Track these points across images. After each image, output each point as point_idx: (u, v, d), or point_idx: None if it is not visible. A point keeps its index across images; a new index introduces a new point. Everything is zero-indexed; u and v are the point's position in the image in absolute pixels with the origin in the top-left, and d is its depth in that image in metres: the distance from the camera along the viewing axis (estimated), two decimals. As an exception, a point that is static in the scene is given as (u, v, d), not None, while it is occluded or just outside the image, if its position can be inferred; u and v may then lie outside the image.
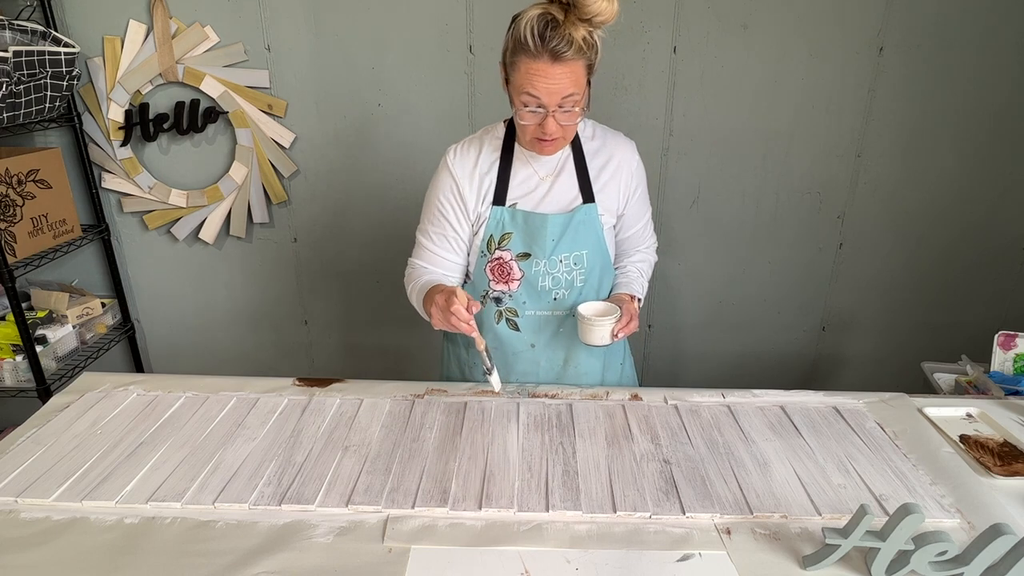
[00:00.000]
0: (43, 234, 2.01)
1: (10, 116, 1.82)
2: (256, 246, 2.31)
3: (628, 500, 1.02)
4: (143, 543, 0.94)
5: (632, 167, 1.32)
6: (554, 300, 1.34)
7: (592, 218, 1.29)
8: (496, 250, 1.30)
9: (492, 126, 1.32)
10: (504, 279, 1.32)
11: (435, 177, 1.33)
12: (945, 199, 2.24)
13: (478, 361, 1.41)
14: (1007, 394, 1.45)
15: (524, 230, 1.28)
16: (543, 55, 1.07)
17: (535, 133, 1.17)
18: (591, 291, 1.35)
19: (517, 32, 1.09)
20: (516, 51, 1.10)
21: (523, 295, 1.33)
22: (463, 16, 2.03)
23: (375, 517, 0.99)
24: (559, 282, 1.32)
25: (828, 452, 1.14)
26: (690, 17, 2.02)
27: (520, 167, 1.29)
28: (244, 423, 1.22)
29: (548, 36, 1.06)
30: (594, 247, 1.31)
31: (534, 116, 1.14)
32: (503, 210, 1.28)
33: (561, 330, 1.37)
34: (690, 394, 1.33)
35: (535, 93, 1.10)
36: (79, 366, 2.09)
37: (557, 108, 1.12)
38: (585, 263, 1.31)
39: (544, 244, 1.28)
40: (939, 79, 2.09)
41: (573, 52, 1.07)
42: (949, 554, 0.84)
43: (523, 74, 1.10)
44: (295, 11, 2.02)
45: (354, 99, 2.12)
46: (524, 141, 1.22)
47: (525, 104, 1.13)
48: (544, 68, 1.08)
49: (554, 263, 1.30)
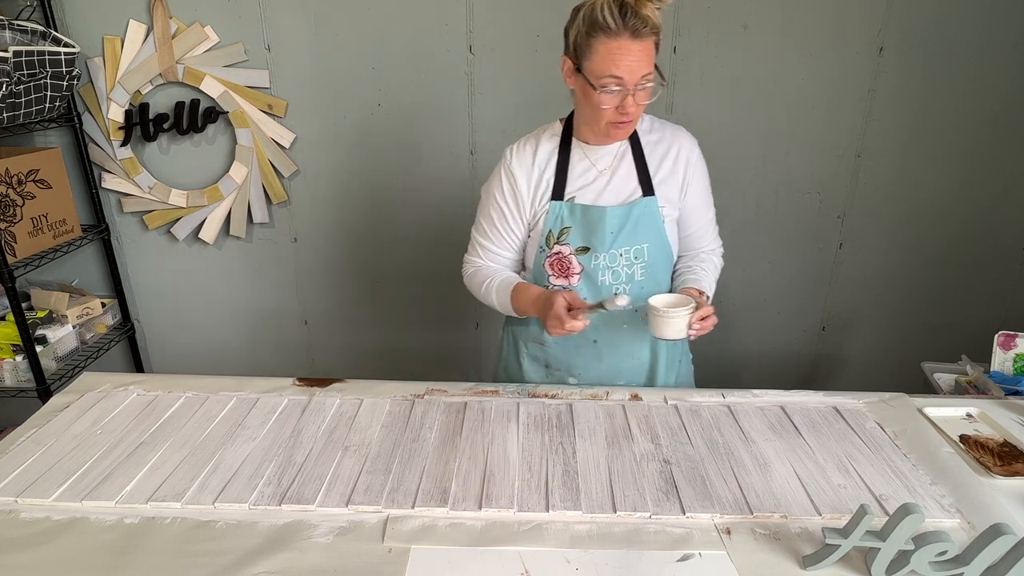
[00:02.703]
0: (43, 234, 2.01)
1: (10, 116, 1.82)
2: (256, 246, 2.31)
3: (628, 500, 1.02)
4: (143, 543, 0.94)
5: (692, 159, 1.32)
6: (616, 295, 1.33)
7: (652, 211, 1.29)
8: (555, 245, 1.30)
9: (549, 124, 1.33)
10: (564, 274, 1.32)
11: (492, 176, 1.34)
12: (945, 199, 2.24)
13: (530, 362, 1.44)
14: (1007, 394, 1.45)
15: (583, 224, 1.28)
16: (623, 33, 1.09)
17: (612, 116, 1.17)
18: (652, 286, 1.34)
19: (592, 15, 1.10)
20: (592, 34, 1.11)
21: (583, 290, 1.32)
22: (463, 16, 2.03)
23: (375, 517, 0.99)
24: (619, 276, 1.31)
25: (828, 452, 1.14)
26: (690, 17, 2.02)
27: (578, 161, 1.29)
28: (244, 423, 1.22)
29: (625, 14, 1.08)
30: (655, 240, 1.31)
31: (612, 98, 1.15)
32: (561, 204, 1.29)
33: (625, 326, 1.36)
34: (690, 394, 1.33)
35: (617, 72, 1.11)
36: (79, 366, 2.09)
37: (635, 87, 1.13)
38: (646, 256, 1.31)
39: (603, 237, 1.28)
40: (939, 79, 2.09)
41: (649, 29, 1.09)
42: (949, 554, 0.84)
43: (603, 55, 1.11)
44: (295, 11, 2.02)
45: (354, 99, 2.12)
46: (597, 128, 1.21)
47: (605, 86, 1.13)
48: (626, 45, 1.10)
49: (614, 257, 1.30)
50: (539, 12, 2.01)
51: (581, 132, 1.29)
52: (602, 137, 1.25)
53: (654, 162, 1.30)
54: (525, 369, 1.46)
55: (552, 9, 2.01)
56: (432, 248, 2.32)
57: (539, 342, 1.43)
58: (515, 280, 1.33)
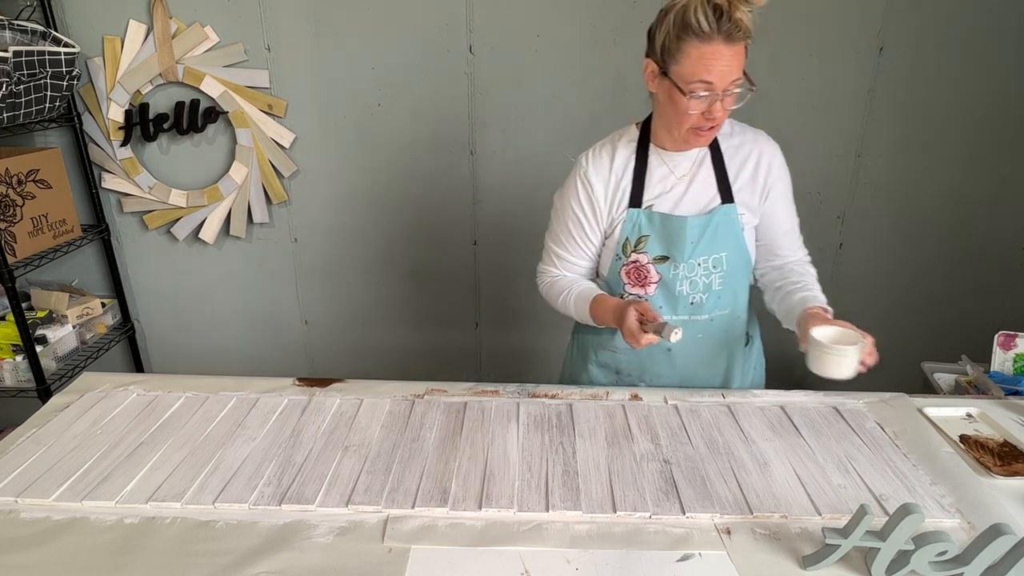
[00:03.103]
0: (43, 234, 2.01)
1: (10, 116, 1.82)
2: (256, 246, 2.31)
3: (628, 500, 1.02)
4: (143, 543, 0.94)
5: (774, 165, 1.28)
6: (691, 305, 1.30)
7: (732, 219, 1.26)
8: (632, 253, 1.28)
9: (624, 129, 1.30)
10: (640, 283, 1.30)
11: (567, 183, 1.31)
12: (945, 199, 2.24)
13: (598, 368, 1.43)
14: (1007, 394, 1.45)
15: (662, 233, 1.25)
16: (716, 37, 1.06)
17: (697, 122, 1.14)
18: (730, 295, 1.31)
19: (684, 18, 1.07)
20: (683, 37, 1.08)
21: (659, 300, 1.30)
22: (463, 16, 2.03)
23: (375, 517, 0.99)
24: (696, 286, 1.29)
25: (828, 452, 1.14)
26: (690, 17, 2.02)
27: (656, 167, 1.26)
28: (244, 423, 1.22)
29: (720, 17, 1.05)
30: (734, 249, 1.28)
31: (700, 103, 1.12)
32: (639, 212, 1.26)
33: (700, 335, 1.34)
34: (690, 394, 1.33)
35: (708, 77, 1.08)
36: (79, 366, 2.09)
37: (723, 92, 1.10)
38: (724, 266, 1.28)
39: (683, 247, 1.25)
40: (939, 79, 2.09)
41: (742, 34, 1.07)
42: (949, 554, 0.84)
43: (694, 59, 1.08)
44: (295, 11, 2.02)
45: (354, 99, 2.12)
46: (679, 133, 1.18)
47: (693, 91, 1.10)
48: (718, 50, 1.07)
49: (692, 267, 1.27)
50: (539, 12, 2.01)
51: (659, 137, 1.25)
52: (681, 143, 1.22)
53: (734, 168, 1.26)
54: (592, 375, 1.45)
55: (552, 9, 2.01)
56: (432, 248, 2.32)
57: (611, 349, 1.41)
58: (593, 292, 1.30)
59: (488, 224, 2.29)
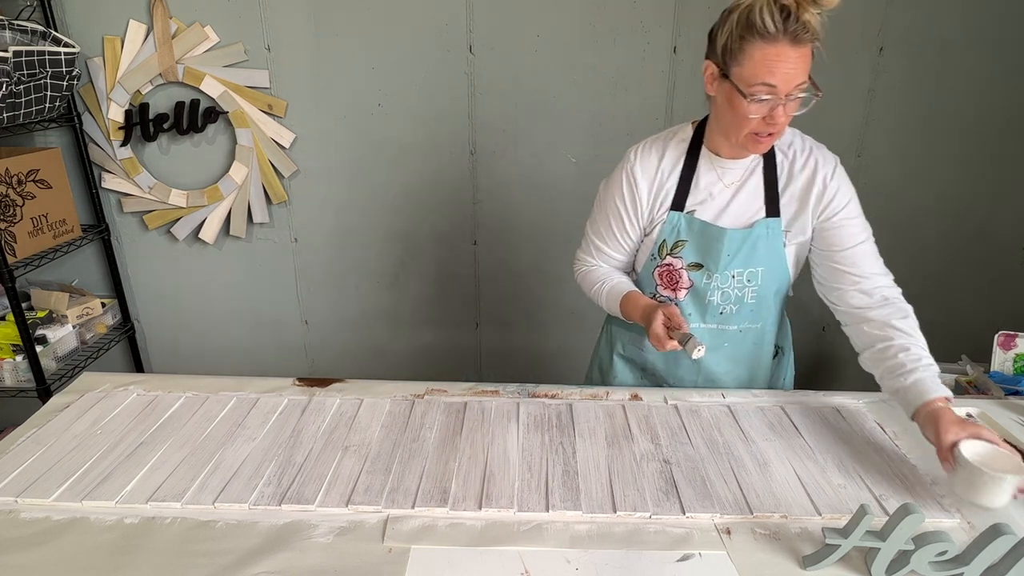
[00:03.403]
0: (43, 234, 2.01)
1: (10, 116, 1.82)
2: (256, 246, 2.31)
3: (628, 500, 1.02)
4: (143, 543, 0.94)
5: (831, 179, 1.21)
6: (720, 315, 1.29)
7: (774, 233, 1.22)
8: (667, 256, 1.26)
9: (680, 127, 1.27)
10: (672, 286, 1.28)
11: (613, 175, 1.29)
12: (945, 199, 2.24)
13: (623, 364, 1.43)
14: (1007, 394, 1.45)
15: (700, 240, 1.23)
16: (782, 38, 1.02)
17: (758, 127, 1.10)
18: (763, 309, 1.30)
19: (749, 18, 1.03)
20: (747, 38, 1.04)
21: (689, 306, 1.29)
22: (463, 16, 2.03)
23: (375, 517, 0.99)
24: (728, 297, 1.27)
25: (828, 452, 1.14)
26: (690, 17, 2.02)
27: (704, 172, 1.23)
28: (244, 423, 1.22)
29: (787, 18, 1.01)
30: (772, 264, 1.25)
31: (761, 107, 1.07)
32: (680, 216, 1.23)
33: (726, 345, 1.33)
34: (690, 394, 1.33)
35: (771, 80, 1.04)
36: (79, 366, 2.09)
37: (785, 97, 1.06)
38: (759, 280, 1.25)
39: (718, 258, 1.23)
40: (939, 79, 2.09)
41: (810, 36, 1.03)
42: (949, 554, 0.84)
43: (758, 61, 1.04)
44: (295, 11, 2.02)
45: (354, 99, 2.12)
46: (736, 139, 1.13)
47: (755, 94, 1.06)
48: (784, 51, 1.03)
49: (725, 278, 1.25)
50: (539, 12, 2.02)
51: (713, 142, 1.21)
52: (738, 149, 1.17)
53: (784, 179, 1.22)
54: (616, 370, 1.45)
55: (552, 9, 2.01)
56: (432, 248, 2.32)
57: (638, 346, 1.41)
58: (626, 287, 1.30)
59: (488, 224, 2.29)
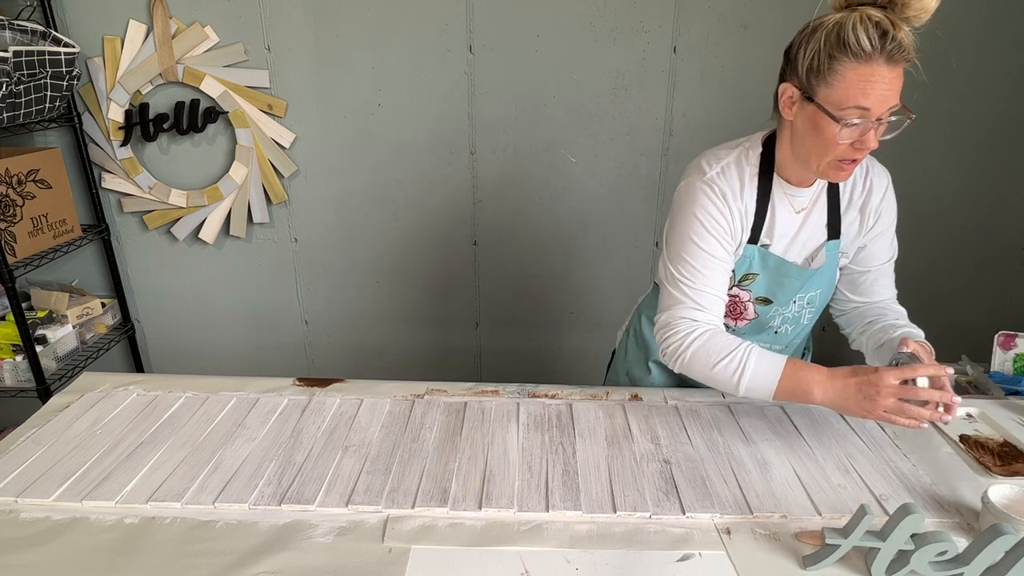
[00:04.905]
0: (43, 234, 2.01)
1: (10, 116, 1.82)
2: (256, 246, 2.31)
3: (628, 500, 1.02)
4: (143, 543, 0.94)
5: (884, 194, 1.20)
6: (775, 334, 1.29)
7: (833, 254, 1.19)
8: (735, 287, 1.21)
9: (748, 142, 1.17)
10: (735, 316, 1.25)
11: (690, 200, 1.14)
12: (945, 199, 2.24)
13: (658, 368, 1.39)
14: (1007, 394, 1.45)
15: (773, 276, 1.19)
16: (877, 57, 0.94)
17: (845, 153, 1.02)
18: (812, 325, 1.32)
19: (842, 35, 0.96)
20: (837, 56, 0.97)
21: (747, 333, 1.27)
22: (463, 16, 2.03)
23: (375, 517, 0.99)
24: (787, 319, 1.27)
25: (828, 452, 1.14)
26: (690, 17, 2.02)
27: (779, 200, 1.15)
28: (244, 423, 1.22)
29: (884, 36, 0.94)
30: (827, 286, 1.24)
31: (851, 132, 1.00)
32: (755, 249, 1.17)
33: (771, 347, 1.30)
34: (690, 394, 1.33)
35: (865, 103, 0.96)
36: (79, 366, 2.09)
37: (876, 121, 0.99)
38: (817, 303, 1.25)
39: (788, 293, 1.21)
40: (938, 79, 2.09)
41: (905, 54, 0.96)
42: (949, 554, 0.84)
43: (851, 82, 0.96)
44: (295, 11, 2.02)
45: (354, 99, 2.12)
46: (819, 165, 1.06)
47: (846, 118, 0.98)
48: (880, 72, 0.95)
49: (788, 304, 1.24)
50: (539, 12, 2.02)
51: (785, 168, 1.13)
52: (815, 176, 1.11)
53: (846, 199, 1.18)
54: (654, 374, 1.41)
55: (552, 9, 2.02)
56: (432, 248, 2.32)
57: None
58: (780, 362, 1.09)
59: (488, 224, 2.29)
